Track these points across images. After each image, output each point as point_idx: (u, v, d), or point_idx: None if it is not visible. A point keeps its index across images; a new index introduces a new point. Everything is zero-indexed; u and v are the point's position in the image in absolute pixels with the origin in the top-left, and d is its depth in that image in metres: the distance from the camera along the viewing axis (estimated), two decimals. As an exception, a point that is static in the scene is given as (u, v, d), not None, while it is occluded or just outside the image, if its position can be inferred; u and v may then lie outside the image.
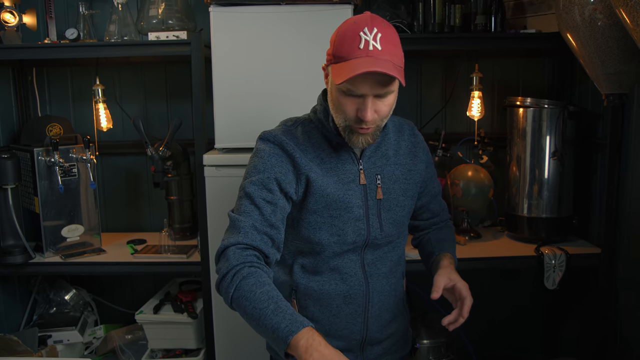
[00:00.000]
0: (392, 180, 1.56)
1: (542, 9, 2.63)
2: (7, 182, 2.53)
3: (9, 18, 2.60)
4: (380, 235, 1.55)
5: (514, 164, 2.72)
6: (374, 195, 1.54)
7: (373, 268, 1.58)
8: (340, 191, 1.50)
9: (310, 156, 1.51)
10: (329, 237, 1.51)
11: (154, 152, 2.58)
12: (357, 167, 1.53)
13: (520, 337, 3.18)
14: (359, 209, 1.52)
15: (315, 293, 1.56)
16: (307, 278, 1.56)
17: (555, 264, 2.49)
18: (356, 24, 1.37)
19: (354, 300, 1.56)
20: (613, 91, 2.09)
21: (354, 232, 1.52)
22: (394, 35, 1.39)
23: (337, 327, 1.58)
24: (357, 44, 1.34)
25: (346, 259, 1.55)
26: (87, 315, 3.03)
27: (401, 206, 1.58)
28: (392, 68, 1.33)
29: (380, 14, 2.58)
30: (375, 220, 1.54)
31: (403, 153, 1.60)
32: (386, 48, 1.35)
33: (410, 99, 3.04)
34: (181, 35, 2.54)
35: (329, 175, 1.50)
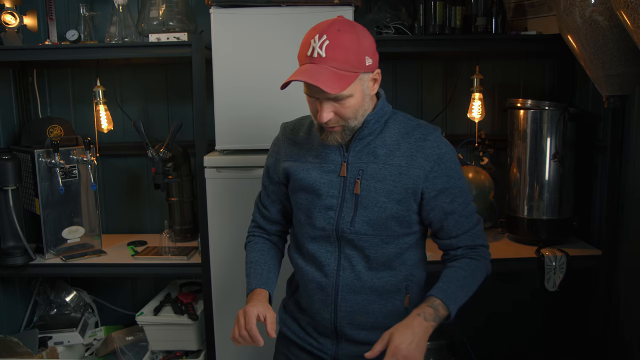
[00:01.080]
0: (375, 178, 1.55)
1: (543, 11, 2.63)
2: (7, 184, 2.53)
3: (9, 19, 2.60)
4: (350, 230, 1.56)
5: (514, 165, 2.72)
6: (352, 189, 1.56)
7: (347, 263, 1.60)
8: (316, 178, 1.60)
9: (300, 143, 1.67)
10: (304, 218, 1.64)
11: (154, 154, 2.58)
12: (341, 159, 1.58)
13: (521, 339, 3.18)
14: (332, 199, 1.58)
15: (300, 271, 1.69)
16: (296, 254, 1.70)
17: (555, 266, 2.49)
18: (314, 30, 1.46)
19: (325, 289, 1.62)
20: (614, 93, 2.09)
21: (324, 219, 1.59)
22: (351, 43, 1.44)
23: (312, 308, 1.67)
24: (307, 51, 1.44)
25: (323, 249, 1.62)
26: (88, 317, 3.03)
27: (381, 207, 1.55)
28: (327, 76, 1.40)
29: (381, 15, 2.59)
30: (348, 214, 1.57)
31: (399, 155, 1.55)
32: (331, 55, 1.41)
33: (410, 101, 3.04)
34: (182, 37, 2.54)
35: (311, 162, 1.62)
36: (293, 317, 1.76)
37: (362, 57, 1.46)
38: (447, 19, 2.60)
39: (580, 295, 2.80)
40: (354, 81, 1.45)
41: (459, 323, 2.88)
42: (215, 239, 2.43)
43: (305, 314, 1.71)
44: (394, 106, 2.84)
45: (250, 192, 2.36)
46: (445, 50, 2.72)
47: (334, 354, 1.67)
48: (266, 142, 2.34)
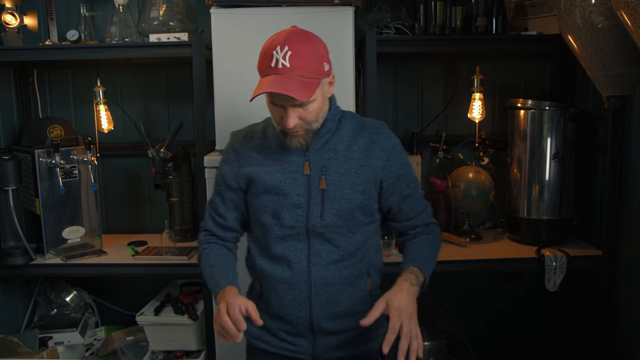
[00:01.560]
0: (339, 172, 1.65)
1: (543, 11, 2.63)
2: (8, 184, 2.53)
3: (10, 19, 2.60)
4: (320, 224, 1.65)
5: (514, 165, 2.72)
6: (318, 185, 1.65)
7: (318, 258, 1.66)
8: (280, 179, 1.66)
9: (257, 148, 1.72)
10: (271, 220, 1.67)
11: (154, 154, 2.58)
12: (302, 159, 1.66)
13: (521, 339, 3.18)
14: (299, 197, 1.65)
15: (266, 275, 1.70)
16: (261, 260, 1.72)
17: (556, 266, 2.49)
18: (273, 42, 1.54)
19: (297, 286, 1.67)
20: (614, 93, 2.09)
21: (293, 217, 1.65)
22: (310, 51, 1.53)
23: (284, 310, 1.69)
24: (269, 62, 1.52)
25: (292, 247, 1.67)
26: (88, 317, 3.03)
27: (347, 198, 1.65)
28: (295, 85, 1.48)
29: (381, 15, 2.58)
30: (316, 209, 1.65)
31: (357, 149, 1.67)
32: (295, 65, 1.50)
33: (411, 101, 3.04)
34: (182, 37, 2.54)
35: (273, 165, 1.68)
36: (263, 327, 1.73)
37: (321, 63, 1.55)
38: (447, 19, 2.61)
39: (580, 296, 2.80)
40: (317, 88, 1.54)
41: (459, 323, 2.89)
42: (216, 239, 2.43)
43: (275, 319, 1.73)
44: (394, 107, 2.85)
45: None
46: (445, 50, 2.72)
47: (311, 351, 1.72)
48: (266, 142, 2.36)
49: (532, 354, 3.19)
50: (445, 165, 3.00)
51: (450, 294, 3.06)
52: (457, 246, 2.70)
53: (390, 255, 2.57)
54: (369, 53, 2.41)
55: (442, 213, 2.88)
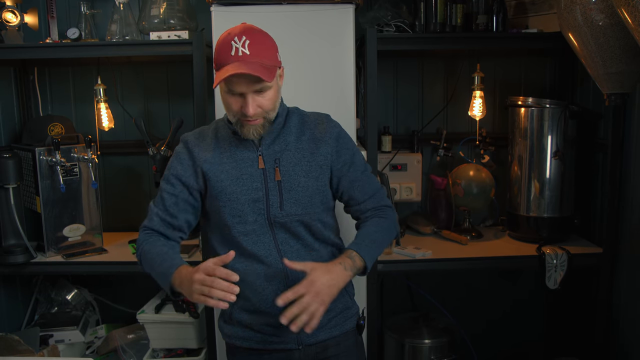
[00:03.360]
0: (291, 163, 1.71)
1: (544, 9, 2.63)
2: (8, 182, 2.53)
3: (10, 17, 2.60)
4: (281, 214, 1.70)
5: (515, 163, 2.72)
6: (273, 177, 1.70)
7: (286, 246, 1.71)
8: (237, 176, 1.70)
9: (211, 149, 1.74)
10: (232, 218, 1.70)
11: (155, 152, 2.58)
12: (255, 154, 1.71)
13: (522, 337, 3.18)
14: (257, 191, 1.70)
15: (241, 274, 1.62)
16: (232, 261, 1.63)
17: (556, 264, 2.49)
18: (230, 35, 1.60)
19: (274, 278, 1.70)
20: (615, 91, 2.09)
21: (254, 211, 1.69)
22: (266, 41, 1.62)
23: (266, 305, 1.71)
24: (229, 52, 1.58)
25: (259, 243, 1.70)
26: (89, 315, 3.03)
27: (303, 187, 1.71)
28: (259, 68, 1.56)
29: (382, 13, 2.59)
30: (275, 200, 1.70)
31: (306, 139, 1.74)
32: (254, 52, 1.57)
33: (411, 99, 3.05)
34: (183, 35, 2.54)
35: (227, 163, 1.71)
36: (244, 325, 1.77)
37: (275, 53, 1.65)
38: (448, 17, 2.60)
39: (581, 293, 2.80)
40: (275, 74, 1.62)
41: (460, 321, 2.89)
42: (216, 237, 2.43)
43: (257, 315, 1.74)
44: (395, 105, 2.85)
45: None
46: (446, 48, 2.72)
47: (297, 338, 1.74)
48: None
49: (532, 351, 3.19)
50: (445, 163, 3.00)
51: (451, 292, 3.07)
52: (458, 244, 2.71)
53: (391, 253, 2.57)
54: (370, 51, 2.41)
55: (443, 211, 2.88)
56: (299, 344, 1.75)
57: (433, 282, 3.07)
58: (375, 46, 2.40)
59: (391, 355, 2.74)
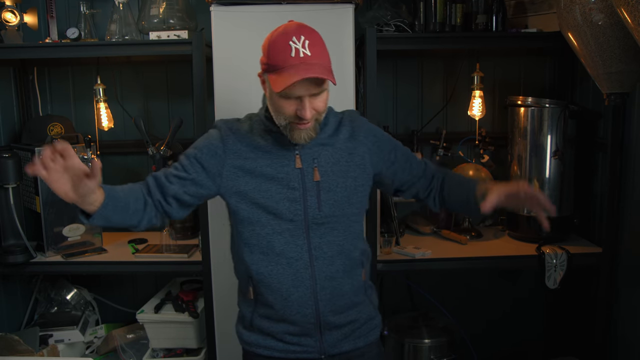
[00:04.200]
0: (330, 163, 1.66)
1: (543, 8, 2.63)
2: (8, 182, 2.53)
3: (10, 17, 2.60)
4: (319, 215, 1.63)
5: (515, 163, 2.72)
6: (312, 178, 1.64)
7: (319, 252, 1.64)
8: (273, 173, 1.63)
9: (246, 144, 1.66)
10: (267, 216, 1.63)
11: (155, 152, 2.58)
12: (293, 153, 1.65)
13: (521, 336, 3.18)
14: (294, 191, 1.63)
15: (265, 278, 1.65)
16: (257, 264, 1.65)
17: (556, 263, 2.49)
18: (285, 34, 1.51)
19: (302, 283, 1.63)
20: (614, 90, 2.09)
21: (290, 212, 1.63)
22: (320, 40, 1.54)
23: (289, 311, 1.65)
24: (289, 53, 1.49)
25: (291, 244, 1.63)
26: (88, 315, 3.03)
27: (342, 187, 1.66)
28: (323, 70, 1.49)
29: (382, 13, 2.59)
30: (313, 201, 1.63)
31: (343, 139, 1.69)
32: (315, 53, 1.50)
33: (411, 98, 3.05)
34: (182, 35, 2.54)
35: (262, 160, 1.64)
36: (265, 333, 1.70)
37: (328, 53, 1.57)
38: (447, 17, 2.60)
39: (580, 293, 2.80)
40: None
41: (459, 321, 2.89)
42: (216, 236, 2.43)
43: (279, 322, 1.68)
44: (394, 104, 2.85)
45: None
46: (445, 47, 2.73)
47: (320, 348, 1.69)
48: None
49: (532, 351, 3.19)
50: (445, 163, 3.00)
51: (451, 292, 3.07)
52: (458, 244, 2.71)
53: (391, 253, 2.58)
54: (369, 50, 2.40)
55: (443, 210, 2.88)
56: (322, 354, 1.70)
57: (433, 282, 3.07)
58: (374, 46, 2.40)
59: (391, 355, 2.74)
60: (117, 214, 1.56)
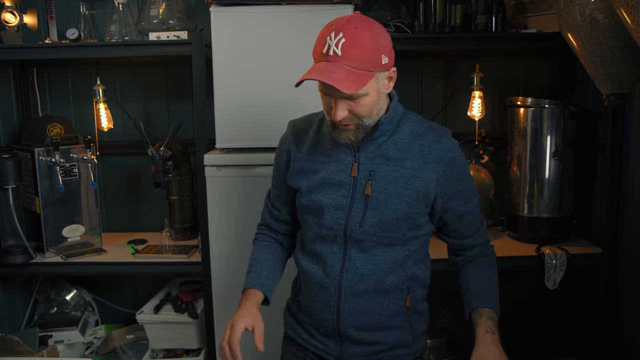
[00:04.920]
0: (387, 180, 1.54)
1: (543, 9, 2.63)
2: (7, 182, 2.53)
3: (9, 18, 2.60)
4: (359, 231, 1.55)
5: (514, 163, 2.72)
6: (362, 190, 1.55)
7: (352, 265, 1.57)
8: (326, 178, 1.59)
9: (309, 143, 1.65)
10: (312, 218, 1.62)
11: (154, 152, 2.58)
12: (352, 159, 1.57)
13: (521, 337, 3.18)
14: (342, 199, 1.57)
15: (303, 271, 1.67)
16: (301, 255, 1.69)
17: (556, 264, 2.49)
18: (329, 27, 1.43)
19: (328, 289, 1.60)
20: (614, 91, 2.09)
21: (332, 219, 1.57)
22: (366, 41, 1.41)
23: (315, 310, 1.65)
24: (322, 48, 1.42)
25: (328, 249, 1.59)
26: (88, 315, 3.03)
27: (392, 209, 1.53)
28: (341, 74, 1.38)
29: (381, 13, 2.58)
30: (357, 215, 1.55)
31: (412, 157, 1.55)
32: (347, 53, 1.39)
33: (410, 99, 3.04)
34: (182, 35, 2.54)
35: (322, 161, 1.60)
36: (296, 319, 1.74)
37: (378, 55, 1.43)
38: (447, 17, 2.60)
39: (580, 294, 2.80)
40: (370, 80, 1.43)
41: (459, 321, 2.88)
42: (216, 237, 2.43)
43: (307, 315, 1.69)
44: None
45: (250, 190, 2.37)
46: (445, 48, 2.72)
47: (338, 354, 1.65)
48: (266, 140, 2.36)
49: (531, 351, 3.19)
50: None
51: (450, 292, 3.06)
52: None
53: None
54: (369, 51, 2.40)
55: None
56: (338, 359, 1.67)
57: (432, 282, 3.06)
58: (374, 46, 2.40)
59: None
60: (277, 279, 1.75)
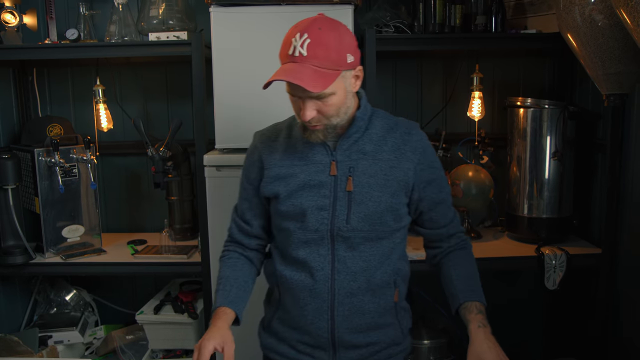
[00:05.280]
0: (367, 174, 1.56)
1: (543, 9, 2.63)
2: (7, 183, 2.53)
3: (9, 18, 2.60)
4: (346, 228, 1.55)
5: (514, 164, 2.72)
6: (344, 187, 1.56)
7: (342, 265, 1.57)
8: (305, 180, 1.57)
9: (281, 149, 1.62)
10: (294, 224, 1.58)
11: (154, 153, 2.58)
12: (329, 159, 1.57)
13: (520, 338, 3.18)
14: (324, 199, 1.56)
15: (287, 282, 1.61)
16: (282, 265, 1.63)
17: (555, 264, 2.49)
18: (295, 29, 1.45)
19: (320, 295, 1.57)
20: (613, 91, 2.09)
21: (317, 220, 1.56)
22: (331, 40, 1.43)
23: (304, 320, 1.60)
24: (288, 50, 1.44)
25: (315, 253, 1.57)
26: (88, 316, 3.03)
27: (376, 201, 1.55)
28: (307, 74, 1.39)
29: (381, 14, 2.58)
30: (342, 212, 1.55)
31: (387, 150, 1.58)
32: (312, 53, 1.41)
33: (410, 99, 3.04)
34: (181, 36, 2.54)
35: (297, 165, 1.59)
36: (280, 338, 1.68)
37: (343, 54, 1.45)
38: (446, 18, 2.60)
39: (580, 294, 2.80)
40: (336, 79, 1.44)
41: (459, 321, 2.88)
42: (215, 237, 2.43)
43: (295, 330, 1.64)
44: (394, 105, 2.84)
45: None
46: (445, 48, 2.72)
47: None
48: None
49: (531, 351, 3.19)
50: (444, 164, 2.96)
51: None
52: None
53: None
54: (369, 51, 2.40)
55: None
56: None
57: (432, 283, 3.06)
58: (374, 47, 2.40)
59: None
60: (247, 298, 1.67)
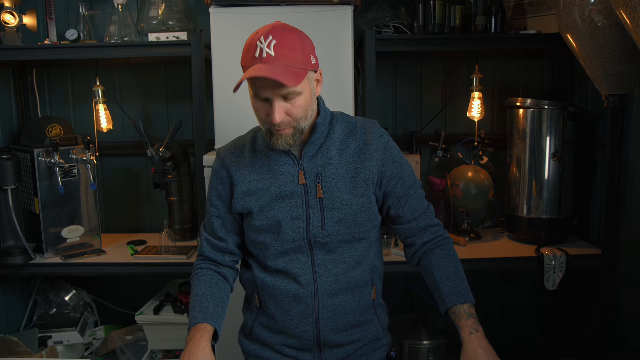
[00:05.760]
0: (335, 179, 1.58)
1: (543, 10, 2.63)
2: (7, 183, 2.53)
3: (9, 19, 2.60)
4: (322, 234, 1.57)
5: (514, 165, 2.72)
6: (315, 195, 1.57)
7: (323, 269, 1.59)
8: (276, 193, 1.58)
9: (248, 164, 1.62)
10: (271, 236, 1.59)
11: (154, 153, 2.58)
12: (296, 168, 1.58)
13: (520, 338, 3.18)
14: (297, 208, 1.57)
15: (269, 289, 1.62)
16: (263, 273, 1.64)
17: (555, 265, 2.49)
18: (257, 35, 1.47)
19: (304, 299, 1.59)
20: (613, 92, 2.09)
21: (293, 230, 1.57)
22: (296, 42, 1.46)
23: (290, 325, 1.62)
24: (254, 53, 1.45)
25: (295, 261, 1.59)
26: (88, 317, 3.03)
27: (347, 204, 1.57)
28: (281, 72, 1.41)
29: (381, 15, 2.59)
30: (317, 219, 1.57)
31: (351, 152, 1.60)
32: (280, 53, 1.43)
33: (410, 100, 3.05)
34: (181, 36, 2.54)
35: (266, 179, 1.59)
36: (264, 344, 1.68)
37: (308, 55, 1.49)
38: (446, 19, 2.61)
39: (580, 295, 2.80)
40: (304, 79, 1.47)
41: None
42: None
43: (279, 334, 1.65)
44: (393, 106, 2.84)
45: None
46: (444, 49, 2.72)
47: None
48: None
49: (531, 352, 3.19)
50: (444, 165, 3.00)
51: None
52: (457, 245, 2.70)
53: (390, 254, 2.57)
54: (369, 52, 2.41)
55: (442, 212, 2.88)
56: None
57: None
58: (374, 47, 2.41)
59: None
60: (224, 314, 1.66)
